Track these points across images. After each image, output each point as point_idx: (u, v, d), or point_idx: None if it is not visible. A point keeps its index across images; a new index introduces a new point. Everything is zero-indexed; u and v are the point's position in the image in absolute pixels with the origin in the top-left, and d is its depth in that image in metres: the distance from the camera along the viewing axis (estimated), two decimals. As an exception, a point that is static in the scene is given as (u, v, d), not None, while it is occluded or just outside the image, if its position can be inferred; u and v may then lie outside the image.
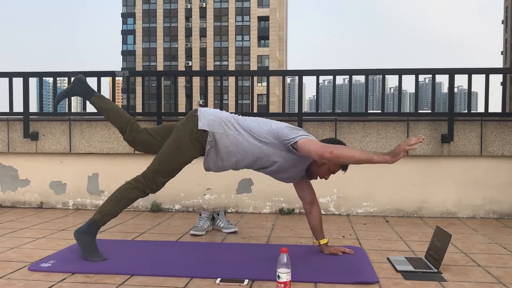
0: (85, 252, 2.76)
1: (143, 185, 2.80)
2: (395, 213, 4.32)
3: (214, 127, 2.74)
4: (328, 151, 2.48)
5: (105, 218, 2.80)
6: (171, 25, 61.32)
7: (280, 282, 2.16)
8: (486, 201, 4.26)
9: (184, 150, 2.77)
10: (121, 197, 2.82)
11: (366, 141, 4.29)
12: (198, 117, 2.77)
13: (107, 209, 2.79)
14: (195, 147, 2.78)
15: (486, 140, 4.22)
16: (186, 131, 2.77)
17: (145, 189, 2.81)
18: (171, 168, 2.82)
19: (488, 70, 4.23)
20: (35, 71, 4.61)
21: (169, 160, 2.79)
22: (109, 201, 2.82)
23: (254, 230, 3.69)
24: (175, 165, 2.82)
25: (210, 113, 2.81)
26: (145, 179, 2.80)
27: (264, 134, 2.71)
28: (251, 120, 2.80)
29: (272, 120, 2.83)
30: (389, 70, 4.37)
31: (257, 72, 4.86)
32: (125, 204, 2.83)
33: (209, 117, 2.77)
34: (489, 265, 2.74)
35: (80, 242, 2.78)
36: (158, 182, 2.82)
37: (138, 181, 2.81)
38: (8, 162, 4.71)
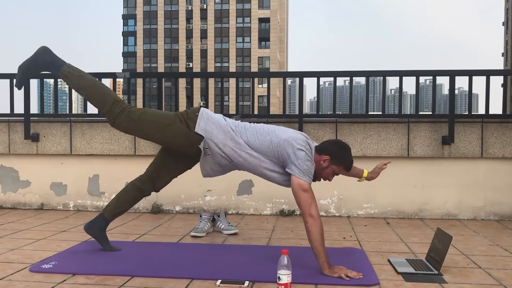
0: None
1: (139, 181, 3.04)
2: (396, 214, 4.32)
3: (211, 134, 2.71)
4: (309, 213, 2.54)
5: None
6: (172, 26, 61.38)
7: (281, 283, 2.16)
8: (487, 203, 4.25)
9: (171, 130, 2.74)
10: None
11: (366, 143, 4.29)
12: (198, 119, 2.73)
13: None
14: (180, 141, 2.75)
15: (486, 142, 4.21)
16: (182, 122, 2.74)
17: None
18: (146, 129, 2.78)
19: (488, 71, 4.23)
20: (36, 73, 4.61)
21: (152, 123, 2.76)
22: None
23: (254, 232, 3.69)
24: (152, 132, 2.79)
25: (211, 119, 2.75)
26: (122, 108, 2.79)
27: (263, 149, 2.67)
28: (251, 133, 2.73)
29: (276, 129, 2.75)
30: (389, 71, 4.37)
31: (257, 74, 4.85)
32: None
33: (208, 123, 2.72)
34: (490, 267, 2.73)
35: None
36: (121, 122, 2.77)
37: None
38: (9, 163, 4.71)
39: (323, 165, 2.70)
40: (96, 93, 2.83)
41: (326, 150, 2.71)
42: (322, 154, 2.70)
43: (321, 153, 2.71)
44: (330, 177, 2.78)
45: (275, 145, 2.66)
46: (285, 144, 2.64)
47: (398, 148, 4.27)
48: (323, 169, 2.72)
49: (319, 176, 2.77)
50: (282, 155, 2.65)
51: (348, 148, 2.77)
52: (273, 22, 59.85)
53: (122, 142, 4.52)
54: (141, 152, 4.48)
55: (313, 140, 2.94)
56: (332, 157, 2.69)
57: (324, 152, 2.71)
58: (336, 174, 2.79)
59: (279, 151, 2.65)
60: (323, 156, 2.69)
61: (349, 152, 2.76)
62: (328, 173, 2.74)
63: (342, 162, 2.73)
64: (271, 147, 2.67)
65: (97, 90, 2.83)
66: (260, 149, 2.68)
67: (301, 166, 2.59)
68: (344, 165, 2.74)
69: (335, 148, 2.74)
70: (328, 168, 2.72)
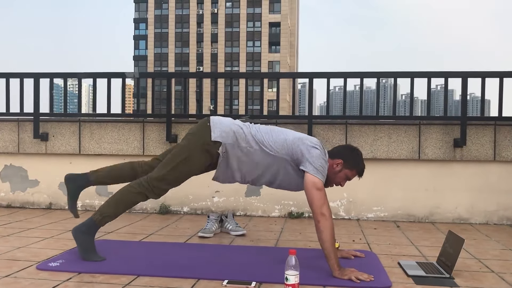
0: (84, 252, 2.72)
1: (146, 190, 2.75)
2: (406, 218, 4.26)
3: (227, 138, 2.68)
4: (320, 212, 2.49)
5: (105, 220, 2.76)
6: (183, 30, 61.64)
7: (288, 284, 2.12)
8: (500, 207, 4.17)
9: (194, 161, 2.72)
10: (122, 200, 2.78)
11: (377, 145, 4.23)
12: (211, 128, 2.70)
13: (107, 211, 2.75)
14: (205, 159, 2.73)
15: (499, 145, 4.14)
16: (197, 142, 2.71)
17: (148, 194, 2.77)
18: (178, 177, 2.77)
19: (502, 73, 4.16)
20: (46, 72, 4.63)
21: (177, 169, 2.73)
22: (110, 203, 2.78)
23: (262, 233, 3.65)
24: (183, 176, 2.78)
25: (223, 123, 2.73)
26: (149, 185, 2.74)
27: (277, 148, 2.66)
28: (264, 131, 2.73)
29: (290, 131, 2.76)
30: (400, 73, 4.32)
31: (267, 74, 4.83)
32: (126, 207, 2.79)
33: (222, 127, 2.70)
34: (503, 272, 2.67)
35: (79, 242, 2.74)
36: (162, 189, 2.78)
37: (141, 185, 2.76)
38: (18, 162, 4.72)
39: (336, 169, 2.69)
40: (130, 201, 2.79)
41: (338, 154, 2.72)
42: (335, 158, 2.70)
43: (334, 157, 2.71)
44: (343, 181, 2.77)
45: (289, 143, 2.66)
46: (299, 142, 2.65)
47: (409, 151, 4.21)
48: (336, 173, 2.71)
49: (332, 182, 2.75)
50: (296, 153, 2.63)
51: (360, 153, 2.78)
52: (283, 26, 59.86)
53: (131, 142, 4.51)
54: (150, 152, 4.46)
55: (323, 142, 2.91)
56: (345, 160, 2.69)
57: (337, 156, 2.71)
58: (349, 179, 2.78)
59: (294, 149, 2.64)
60: (336, 160, 2.69)
61: (361, 156, 2.77)
62: (341, 177, 2.73)
63: (355, 165, 2.72)
64: (285, 144, 2.66)
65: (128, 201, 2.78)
66: (274, 147, 2.67)
67: (315, 163, 2.58)
68: (357, 168, 2.73)
69: (348, 152, 2.75)
70: (341, 172, 2.71)
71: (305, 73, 4.45)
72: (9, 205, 4.70)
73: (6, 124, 4.69)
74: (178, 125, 4.47)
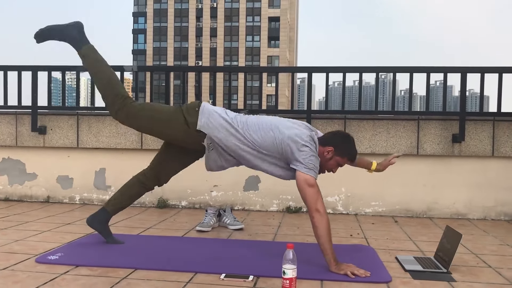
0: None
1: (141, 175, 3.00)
2: (404, 213, 4.26)
3: (213, 131, 2.66)
4: (315, 209, 2.49)
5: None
6: (182, 24, 61.49)
7: (286, 278, 2.12)
8: (498, 203, 4.18)
9: (171, 126, 2.71)
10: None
11: (375, 140, 4.23)
12: (199, 115, 2.68)
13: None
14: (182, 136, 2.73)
15: (498, 141, 4.14)
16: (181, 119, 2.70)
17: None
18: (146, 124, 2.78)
19: (501, 69, 4.15)
20: (43, 65, 4.61)
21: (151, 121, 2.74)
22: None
23: (260, 228, 3.65)
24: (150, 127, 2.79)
25: (213, 114, 2.69)
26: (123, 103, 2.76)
27: (266, 146, 2.63)
28: (253, 129, 2.66)
29: (279, 124, 2.67)
30: (400, 67, 4.31)
31: (266, 69, 4.82)
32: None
33: (210, 119, 2.67)
34: (500, 267, 2.67)
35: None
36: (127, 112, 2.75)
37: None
38: (16, 155, 4.71)
39: (327, 156, 2.66)
40: (105, 82, 2.80)
41: (329, 142, 2.68)
42: (326, 145, 2.67)
43: (324, 144, 2.67)
44: (334, 168, 2.74)
45: (278, 141, 2.61)
46: (289, 141, 2.59)
47: (407, 146, 4.21)
48: (327, 160, 2.68)
49: (323, 168, 2.72)
50: (286, 152, 2.60)
51: (352, 139, 2.74)
52: (283, 21, 59.73)
53: (129, 136, 4.50)
54: (148, 146, 4.46)
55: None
56: (336, 148, 2.66)
57: (328, 143, 2.67)
58: (340, 166, 2.75)
59: (283, 148, 2.60)
60: (326, 148, 2.66)
61: (353, 142, 2.73)
62: (332, 164, 2.70)
63: (346, 152, 2.70)
64: (275, 143, 2.61)
65: (108, 81, 2.80)
66: (263, 145, 2.63)
67: (306, 162, 2.54)
68: (348, 156, 2.71)
69: (338, 139, 2.71)
70: (332, 160, 2.68)
71: (304, 68, 4.44)
72: (7, 198, 4.69)
73: (4, 117, 4.67)
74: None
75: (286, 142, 2.59)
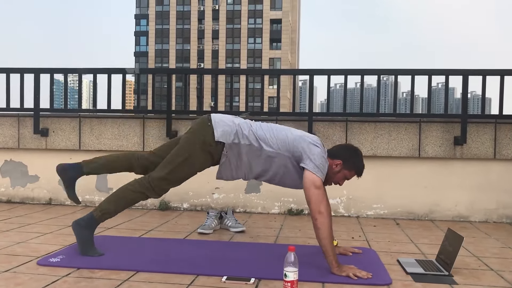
0: (82, 247, 2.73)
1: (147, 190, 2.76)
2: (406, 215, 4.26)
3: (229, 138, 2.68)
4: (318, 211, 2.50)
5: (104, 217, 2.78)
6: (184, 27, 61.60)
7: (287, 281, 2.12)
8: (500, 205, 4.17)
9: (195, 161, 2.72)
10: (122, 198, 2.79)
11: (377, 142, 4.23)
12: (214, 127, 2.69)
13: (107, 208, 2.77)
14: (206, 159, 2.73)
15: (500, 143, 4.14)
16: (197, 142, 2.70)
17: (149, 193, 2.77)
18: (179, 177, 2.78)
19: (503, 71, 4.15)
20: (46, 67, 4.62)
21: (178, 170, 2.73)
22: (110, 200, 2.79)
23: (262, 230, 3.65)
24: (184, 175, 2.78)
25: (225, 122, 2.72)
26: (151, 185, 2.74)
27: (278, 145, 2.66)
28: (266, 129, 2.72)
29: (290, 129, 2.75)
30: (401, 70, 4.31)
31: (268, 71, 4.80)
32: (126, 205, 2.81)
33: (225, 127, 2.69)
34: (502, 269, 2.67)
35: (78, 237, 2.75)
36: (164, 189, 2.79)
37: (143, 185, 2.76)
38: (18, 158, 4.72)
39: (335, 169, 2.70)
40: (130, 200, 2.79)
41: (338, 155, 2.71)
42: (335, 158, 2.70)
43: (333, 157, 2.71)
44: (341, 181, 2.78)
45: (290, 140, 2.66)
46: (300, 139, 2.66)
47: (409, 148, 4.21)
48: (335, 173, 2.72)
49: (331, 180, 2.76)
50: (297, 150, 2.64)
51: (360, 153, 2.77)
52: (284, 23, 59.78)
53: (131, 138, 4.51)
54: (150, 148, 4.46)
55: (323, 139, 2.90)
56: (345, 161, 2.69)
57: (336, 156, 2.71)
58: (347, 179, 2.78)
59: (295, 146, 2.65)
60: (335, 161, 2.70)
61: (361, 157, 2.77)
62: (339, 177, 2.74)
63: (355, 166, 2.73)
64: (287, 141, 2.66)
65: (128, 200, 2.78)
66: (274, 144, 2.67)
67: (316, 160, 2.58)
68: (356, 170, 2.73)
69: (347, 152, 2.74)
70: (340, 173, 2.72)
71: (306, 70, 4.44)
72: (9, 201, 4.70)
73: (6, 119, 4.69)
74: (178, 121, 4.46)
75: (298, 140, 2.66)
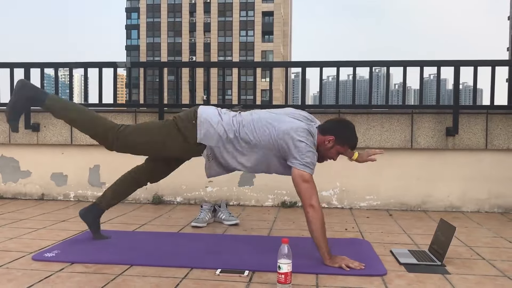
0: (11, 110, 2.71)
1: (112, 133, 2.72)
2: (399, 206, 4.28)
3: (212, 141, 2.64)
4: (309, 204, 2.48)
5: None
6: (175, 20, 61.25)
7: (281, 273, 2.12)
8: (491, 195, 4.21)
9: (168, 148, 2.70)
10: None
11: (369, 134, 4.24)
12: (197, 127, 2.64)
13: None
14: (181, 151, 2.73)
15: (491, 133, 4.16)
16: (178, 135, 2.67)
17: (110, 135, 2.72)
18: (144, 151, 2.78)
19: (494, 62, 4.17)
20: (36, 62, 4.58)
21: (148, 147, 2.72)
22: None
23: (255, 223, 3.66)
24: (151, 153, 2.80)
25: (210, 122, 2.64)
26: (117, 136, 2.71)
27: (263, 144, 2.61)
28: (249, 127, 2.63)
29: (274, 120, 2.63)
30: (393, 62, 4.31)
31: (260, 64, 4.81)
32: None
33: (209, 129, 2.63)
34: (493, 259, 2.69)
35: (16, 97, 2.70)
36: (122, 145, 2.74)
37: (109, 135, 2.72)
38: (9, 153, 4.69)
39: (328, 145, 2.64)
40: (87, 125, 2.76)
41: (330, 130, 2.64)
42: (326, 134, 2.63)
43: (325, 133, 2.64)
44: (335, 156, 2.72)
45: (274, 138, 2.58)
46: (285, 137, 2.55)
47: (401, 140, 4.22)
48: (328, 149, 2.65)
49: (324, 156, 2.70)
50: (282, 148, 2.57)
51: (352, 127, 2.70)
52: (276, 16, 59.61)
53: (123, 132, 4.48)
54: (142, 142, 4.44)
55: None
56: (337, 137, 2.63)
57: (328, 132, 2.64)
58: (341, 154, 2.74)
59: (280, 144, 2.57)
60: (327, 137, 2.63)
61: (354, 130, 2.70)
62: (333, 153, 2.69)
63: (347, 141, 2.68)
64: (271, 140, 2.59)
65: (87, 122, 2.76)
66: (260, 144, 2.61)
67: (302, 158, 2.51)
68: (349, 144, 2.69)
69: (340, 127, 2.67)
70: (333, 148, 2.66)
71: (298, 62, 4.44)
72: (1, 196, 4.67)
73: (-4, 114, 4.65)
74: (170, 115, 4.42)
75: (282, 138, 2.55)
